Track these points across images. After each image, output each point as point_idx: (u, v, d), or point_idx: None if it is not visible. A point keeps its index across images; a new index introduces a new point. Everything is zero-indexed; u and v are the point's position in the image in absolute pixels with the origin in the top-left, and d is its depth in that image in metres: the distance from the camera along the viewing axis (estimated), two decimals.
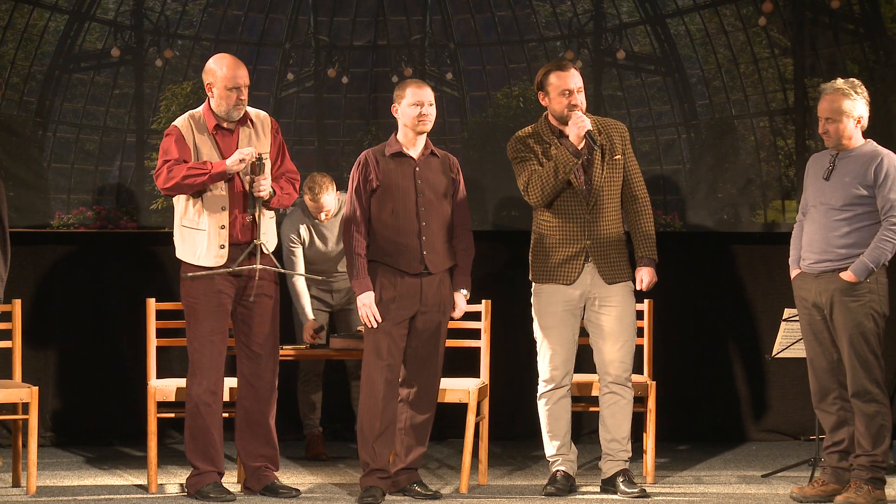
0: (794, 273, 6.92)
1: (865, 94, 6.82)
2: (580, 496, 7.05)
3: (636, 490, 7.01)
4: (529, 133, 7.10)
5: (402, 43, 8.92)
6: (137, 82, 8.84)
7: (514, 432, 8.91)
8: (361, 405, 6.89)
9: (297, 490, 7.04)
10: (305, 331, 7.99)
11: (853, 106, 6.77)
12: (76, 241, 8.82)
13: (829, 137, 6.82)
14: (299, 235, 8.15)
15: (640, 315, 7.32)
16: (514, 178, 7.07)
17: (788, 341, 7.42)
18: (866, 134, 6.93)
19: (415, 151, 6.92)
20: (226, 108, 6.88)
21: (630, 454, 7.11)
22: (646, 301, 7.56)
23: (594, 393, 7.44)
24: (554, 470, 7.12)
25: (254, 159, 6.82)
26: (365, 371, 6.89)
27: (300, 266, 8.12)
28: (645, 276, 7.05)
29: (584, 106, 7.01)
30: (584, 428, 8.78)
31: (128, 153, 8.83)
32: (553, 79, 6.99)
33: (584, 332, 7.14)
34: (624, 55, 8.89)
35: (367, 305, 6.81)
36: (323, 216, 8.05)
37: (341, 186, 8.13)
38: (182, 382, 7.17)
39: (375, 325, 6.82)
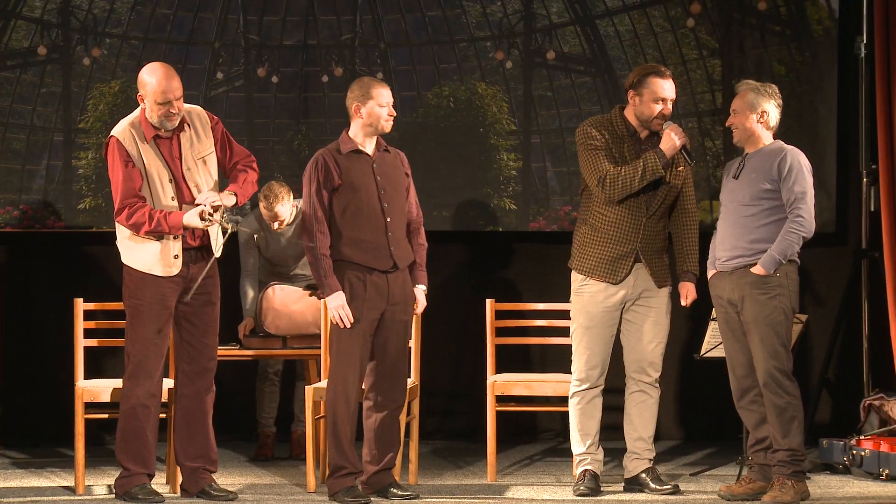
0: (710, 273, 7.01)
1: (778, 98, 6.92)
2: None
3: (668, 487, 7.07)
4: (602, 122, 7.06)
5: (332, 43, 8.91)
6: (65, 81, 8.77)
7: (444, 432, 8.92)
8: (335, 408, 6.81)
9: (234, 493, 6.99)
10: (240, 327, 7.98)
11: (757, 101, 6.87)
12: (2, 241, 8.74)
13: (735, 130, 6.95)
14: (255, 241, 8.14)
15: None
16: (442, 176, 7.06)
17: (716, 340, 7.47)
18: (791, 134, 7.02)
19: (369, 148, 6.90)
20: (157, 120, 6.78)
21: (654, 453, 7.17)
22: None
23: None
24: (582, 469, 7.11)
25: (209, 211, 6.73)
26: (336, 373, 6.81)
27: (253, 268, 8.12)
28: (690, 293, 7.13)
29: (669, 115, 7.02)
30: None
31: (55, 152, 8.76)
32: (652, 83, 6.95)
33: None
34: (554, 56, 8.93)
35: (339, 306, 6.75)
36: (276, 225, 8.04)
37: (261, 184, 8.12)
38: (111, 383, 7.11)
39: (349, 326, 6.78)
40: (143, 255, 6.80)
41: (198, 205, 6.72)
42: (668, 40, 8.93)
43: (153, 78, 6.75)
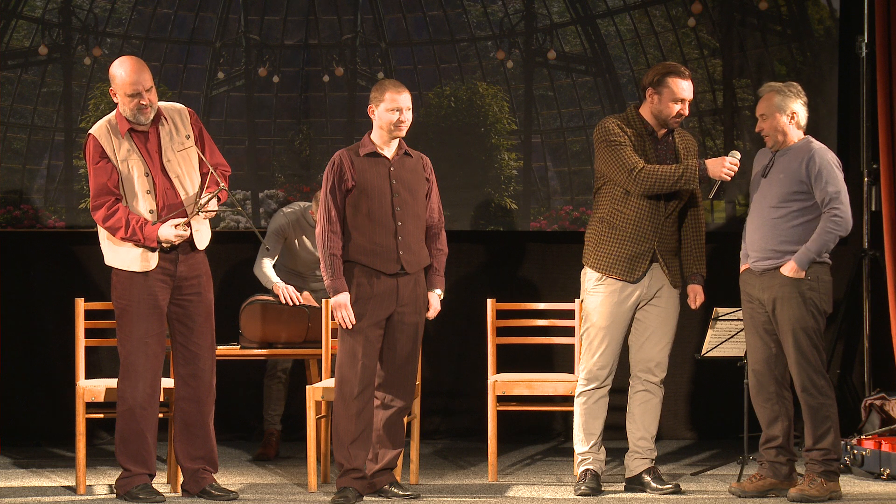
0: (742, 267, 7.02)
1: (803, 96, 6.95)
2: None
3: (669, 486, 7.07)
4: (621, 120, 7.06)
5: (333, 42, 8.90)
6: (66, 80, 8.77)
7: (445, 432, 8.92)
8: (336, 407, 6.85)
9: (235, 493, 6.99)
10: (279, 291, 7.97)
11: (785, 102, 6.89)
12: (3, 240, 8.73)
13: (766, 136, 6.96)
14: (285, 235, 8.15)
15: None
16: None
17: (717, 340, 7.48)
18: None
19: (389, 151, 6.90)
20: (130, 113, 6.78)
21: (656, 452, 7.17)
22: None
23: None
24: (583, 469, 7.12)
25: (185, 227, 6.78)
26: (339, 372, 6.85)
27: (273, 252, 8.12)
28: (699, 296, 7.16)
29: (686, 115, 7.04)
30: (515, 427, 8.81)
31: (56, 152, 8.76)
32: (672, 83, 6.96)
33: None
34: (555, 55, 8.92)
35: (342, 307, 6.78)
36: None
37: (270, 186, 8.12)
38: (112, 383, 7.11)
39: (350, 327, 6.80)
40: (123, 252, 6.81)
41: (175, 219, 6.75)
42: (669, 40, 8.92)
43: (122, 70, 6.77)
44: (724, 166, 6.91)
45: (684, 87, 6.99)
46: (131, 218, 6.74)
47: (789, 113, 6.89)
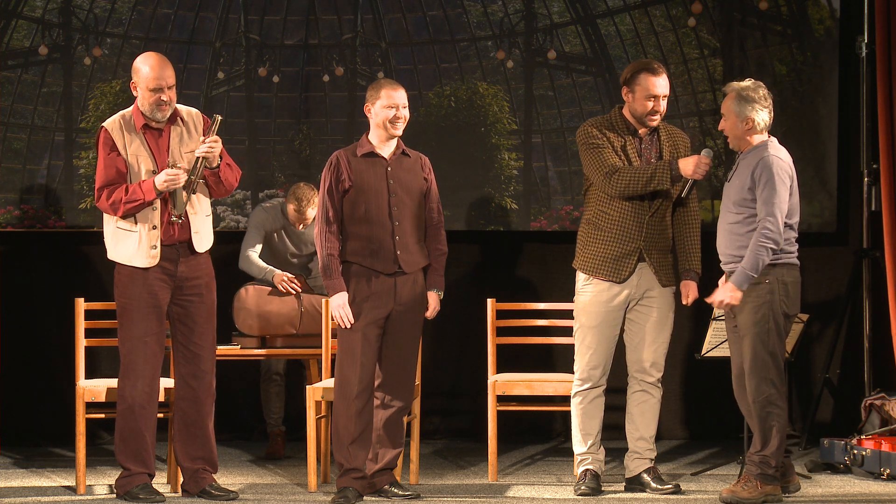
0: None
1: (764, 100, 6.83)
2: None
3: (669, 486, 7.07)
4: (602, 122, 7.07)
5: (333, 42, 8.91)
6: (66, 80, 8.77)
7: (445, 432, 8.92)
8: (335, 407, 6.86)
9: (234, 493, 6.99)
10: (279, 282, 7.95)
11: (742, 109, 6.80)
12: (3, 240, 8.73)
13: (727, 136, 6.92)
14: (266, 229, 8.15)
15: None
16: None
17: (717, 340, 7.48)
18: (792, 133, 7.01)
19: (386, 151, 6.91)
20: (149, 108, 6.82)
21: (656, 452, 7.17)
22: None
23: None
24: (583, 469, 7.12)
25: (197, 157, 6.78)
26: (339, 372, 6.85)
27: (256, 256, 8.10)
28: (691, 292, 7.12)
29: (664, 112, 7.02)
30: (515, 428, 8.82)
31: (56, 152, 8.76)
32: (643, 80, 6.95)
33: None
34: (555, 55, 8.93)
35: (339, 306, 6.79)
36: (301, 227, 8.12)
37: (270, 185, 8.12)
38: (112, 383, 7.11)
39: (349, 326, 6.81)
40: (124, 247, 6.83)
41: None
42: (669, 40, 8.93)
43: (146, 65, 6.82)
44: (696, 165, 6.89)
45: (656, 84, 6.96)
46: (130, 186, 6.77)
47: (744, 119, 6.81)
